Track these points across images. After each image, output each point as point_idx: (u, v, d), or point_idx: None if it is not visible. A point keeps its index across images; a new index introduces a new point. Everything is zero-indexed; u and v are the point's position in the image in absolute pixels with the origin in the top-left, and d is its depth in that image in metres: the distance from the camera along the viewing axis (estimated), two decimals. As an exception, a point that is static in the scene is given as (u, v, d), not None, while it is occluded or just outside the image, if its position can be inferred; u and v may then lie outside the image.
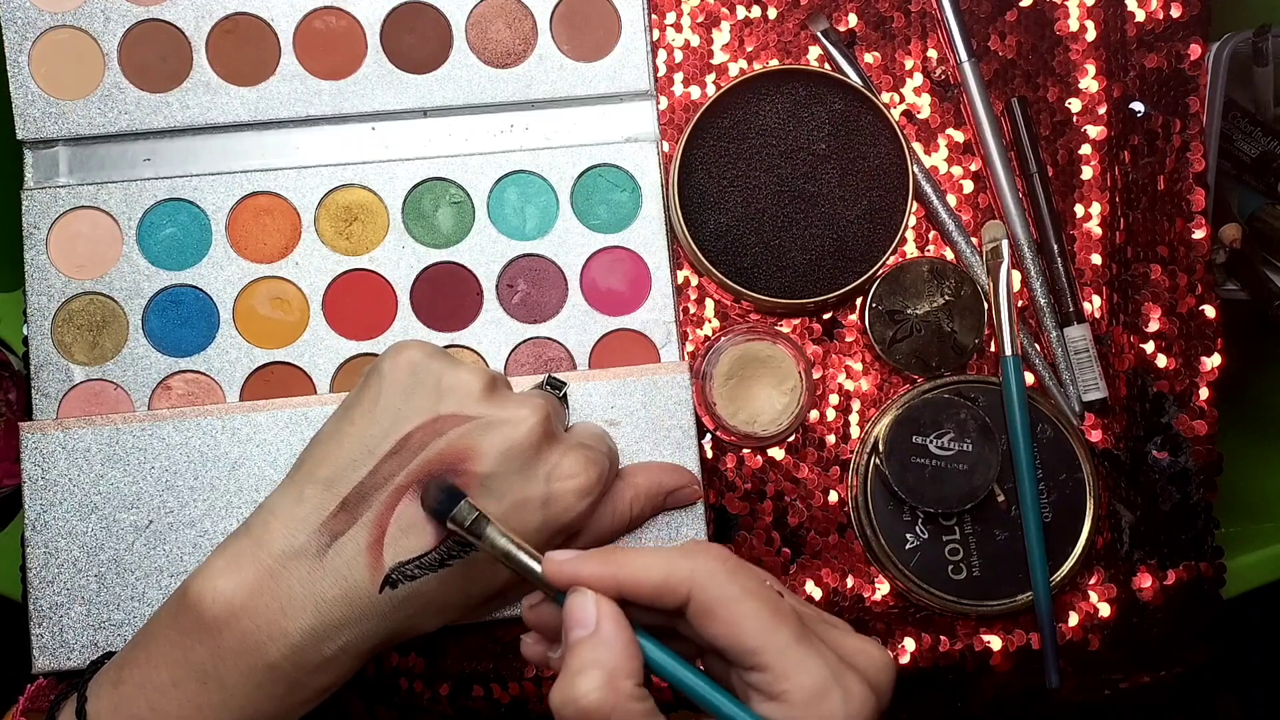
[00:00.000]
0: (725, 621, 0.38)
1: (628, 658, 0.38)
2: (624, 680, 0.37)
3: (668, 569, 0.38)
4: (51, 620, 0.50)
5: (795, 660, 0.37)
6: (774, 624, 0.37)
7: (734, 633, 0.37)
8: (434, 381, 0.44)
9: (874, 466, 0.53)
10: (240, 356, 0.53)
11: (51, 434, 0.51)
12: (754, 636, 0.37)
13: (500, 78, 0.55)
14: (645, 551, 0.39)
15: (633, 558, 0.39)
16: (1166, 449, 0.54)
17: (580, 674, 0.37)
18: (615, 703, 0.36)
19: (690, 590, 0.38)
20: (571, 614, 0.39)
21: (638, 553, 0.39)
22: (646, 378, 0.52)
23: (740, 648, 0.37)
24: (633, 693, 0.37)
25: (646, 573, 0.38)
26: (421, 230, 0.54)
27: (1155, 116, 0.55)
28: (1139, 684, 0.55)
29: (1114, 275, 0.56)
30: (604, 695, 0.36)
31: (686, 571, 0.38)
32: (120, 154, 0.54)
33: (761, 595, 0.38)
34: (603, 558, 0.39)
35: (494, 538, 0.40)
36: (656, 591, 0.38)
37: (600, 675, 0.37)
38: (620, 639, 0.38)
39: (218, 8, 0.54)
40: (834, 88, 0.53)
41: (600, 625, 0.38)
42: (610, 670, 0.37)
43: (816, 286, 0.53)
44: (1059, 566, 0.53)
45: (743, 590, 0.38)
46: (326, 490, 0.43)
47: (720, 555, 0.39)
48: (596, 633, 0.38)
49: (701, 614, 0.38)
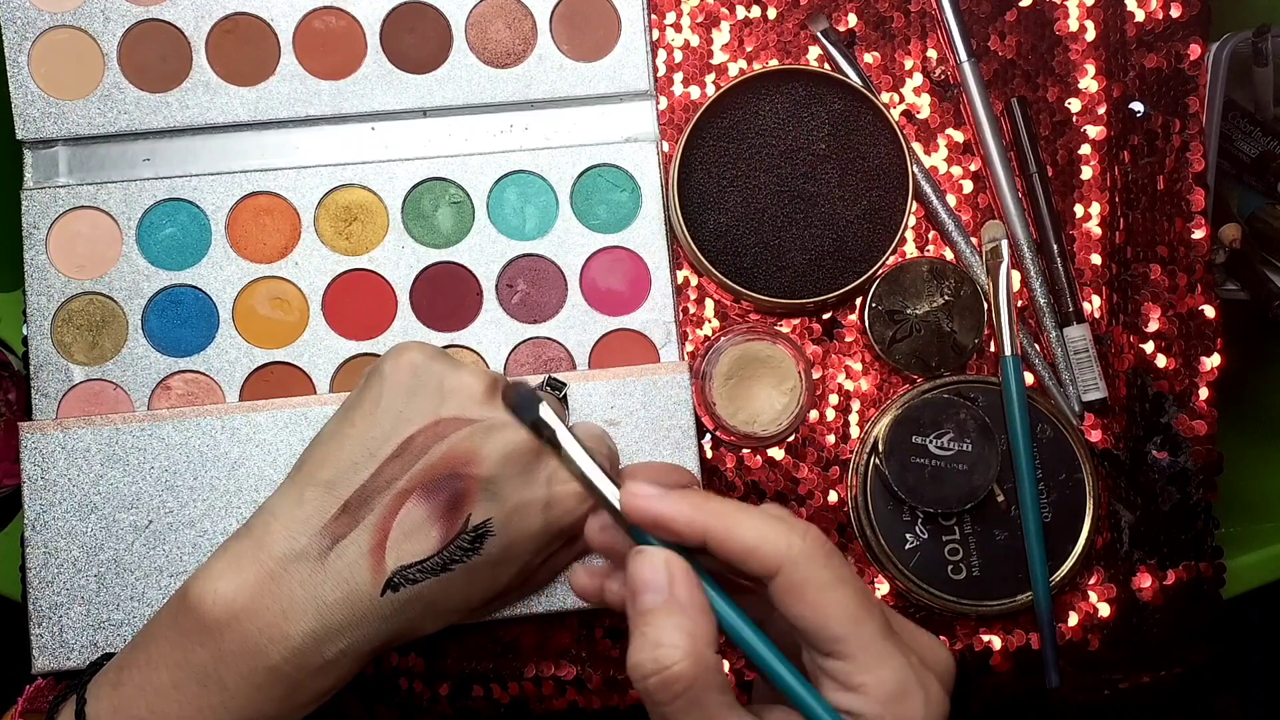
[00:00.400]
0: (814, 605, 0.36)
1: (707, 624, 0.36)
2: (706, 650, 0.36)
3: (764, 535, 0.37)
4: (51, 620, 0.50)
5: (879, 655, 0.36)
6: (862, 614, 0.36)
7: (821, 617, 0.36)
8: (436, 384, 0.44)
9: (874, 466, 0.53)
10: (240, 356, 0.53)
11: (51, 434, 0.51)
12: (840, 624, 0.36)
13: (500, 78, 0.55)
14: (740, 509, 0.38)
15: (727, 512, 0.37)
16: (1166, 449, 0.54)
17: (663, 644, 0.35)
18: (698, 673, 0.35)
19: (781, 565, 0.36)
20: (640, 575, 0.37)
21: (732, 508, 0.37)
22: (646, 378, 0.52)
23: (825, 633, 0.36)
24: (713, 663, 0.36)
25: (740, 533, 0.37)
26: (421, 230, 0.54)
27: (1155, 116, 0.55)
28: (1139, 684, 0.55)
29: (1114, 275, 0.56)
30: (687, 665, 0.35)
31: (783, 545, 0.36)
32: (120, 154, 0.54)
33: (854, 584, 0.37)
34: (694, 503, 0.37)
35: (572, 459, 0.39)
36: (746, 554, 0.37)
37: (685, 643, 0.35)
38: (697, 604, 0.37)
39: (218, 8, 0.54)
40: (834, 88, 0.53)
41: (675, 590, 0.37)
42: (695, 637, 0.36)
43: (816, 286, 0.53)
44: (1059, 566, 0.53)
45: (836, 576, 0.36)
46: (328, 493, 0.43)
47: (819, 535, 0.37)
48: (673, 599, 0.36)
49: (788, 591, 0.36)
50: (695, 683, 0.35)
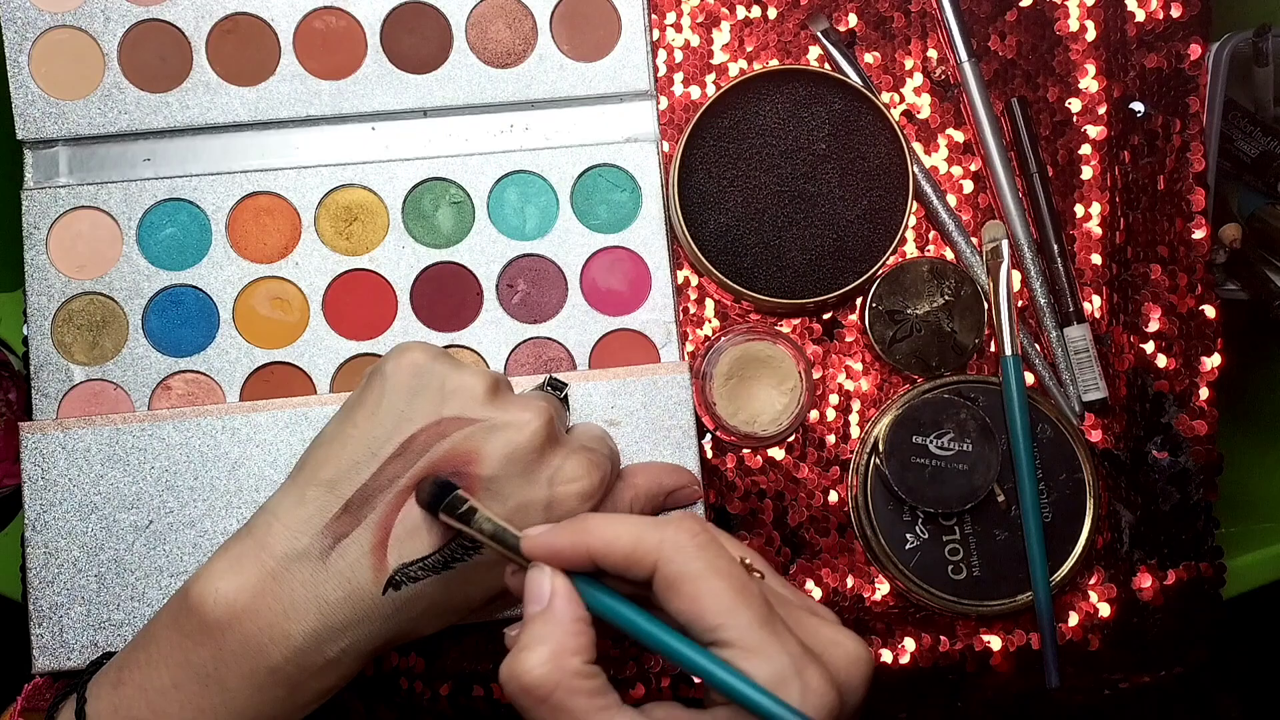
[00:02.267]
0: (687, 596, 0.37)
1: (575, 634, 0.37)
2: (570, 658, 0.36)
3: (636, 539, 0.38)
4: (51, 620, 0.50)
5: (756, 643, 0.36)
6: (737, 604, 0.36)
7: (695, 608, 0.37)
8: (437, 384, 0.44)
9: (874, 466, 0.53)
10: (240, 356, 0.53)
11: (51, 434, 0.51)
12: (715, 614, 0.36)
13: (500, 78, 0.55)
14: (617, 519, 0.39)
15: (603, 526, 0.38)
16: (1166, 449, 0.54)
17: (526, 649, 0.37)
18: (559, 679, 0.36)
19: (656, 562, 0.37)
20: (528, 589, 0.39)
21: (610, 520, 0.39)
22: (646, 378, 0.52)
23: (701, 624, 0.36)
24: (579, 670, 0.36)
25: (616, 541, 0.38)
26: (421, 230, 0.54)
27: (1155, 116, 0.55)
28: (1139, 684, 0.55)
29: (1114, 275, 0.56)
30: (547, 671, 0.36)
31: (654, 542, 0.37)
32: (120, 154, 0.54)
33: (727, 573, 0.37)
34: (573, 527, 0.39)
35: (481, 523, 0.41)
36: (625, 561, 0.38)
37: (545, 651, 0.36)
38: (569, 614, 0.38)
39: (218, 8, 0.54)
40: (834, 88, 0.53)
41: (553, 602, 0.38)
42: (556, 646, 0.37)
43: (816, 286, 0.53)
44: (1059, 566, 0.53)
45: (708, 566, 0.37)
46: (329, 492, 0.43)
47: (691, 529, 0.38)
48: (548, 609, 0.38)
49: (666, 586, 0.37)
50: (556, 689, 0.36)
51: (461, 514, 0.41)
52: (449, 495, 0.41)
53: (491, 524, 0.41)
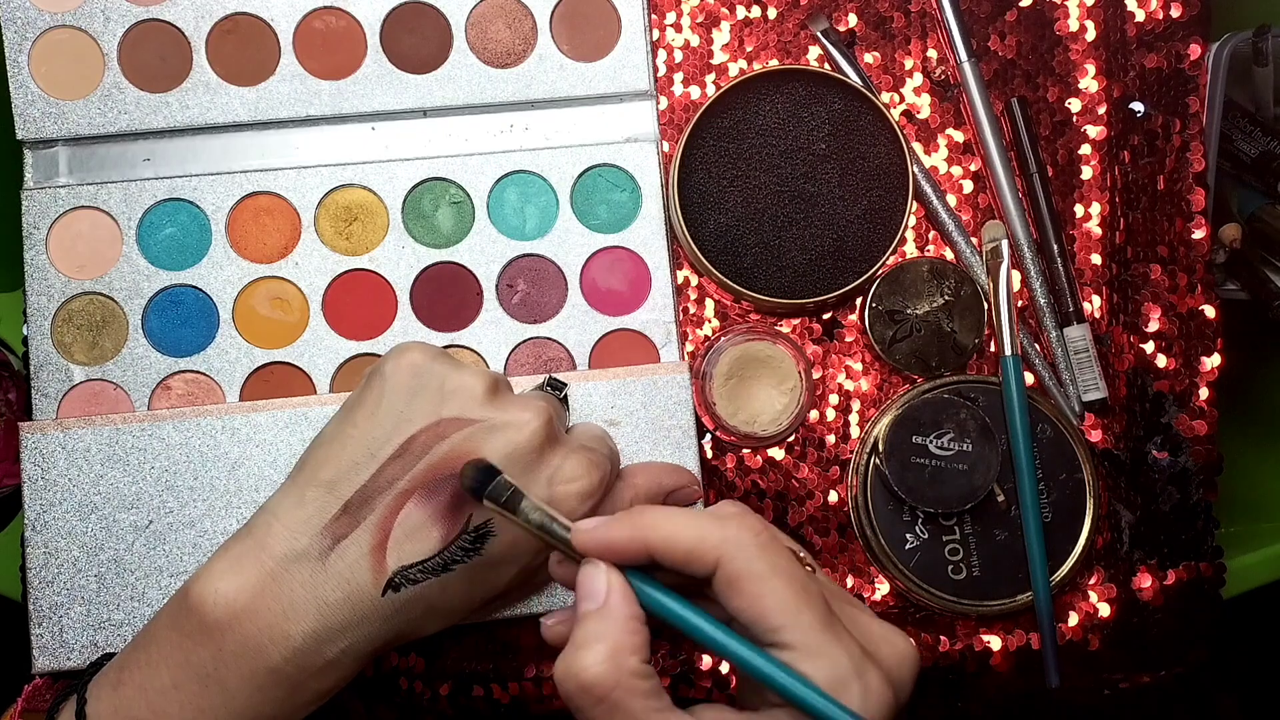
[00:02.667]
0: (750, 596, 0.37)
1: (633, 633, 0.37)
2: (628, 657, 0.36)
3: (698, 536, 0.37)
4: (51, 620, 0.50)
5: (818, 646, 0.36)
6: (800, 604, 0.36)
7: (757, 608, 0.36)
8: (437, 384, 0.44)
9: (874, 466, 0.53)
10: (240, 356, 0.53)
11: (51, 434, 0.51)
12: (777, 615, 0.36)
13: (500, 78, 0.55)
14: (677, 514, 0.38)
15: (662, 520, 0.38)
16: (1166, 449, 0.54)
17: (584, 647, 0.36)
18: (617, 679, 0.36)
19: (719, 560, 0.37)
20: (582, 585, 0.38)
21: (668, 514, 0.38)
22: (646, 378, 0.52)
23: (763, 624, 0.36)
24: (636, 669, 0.36)
25: (675, 538, 0.37)
26: (421, 230, 0.54)
27: (1155, 116, 0.55)
28: (1139, 684, 0.55)
29: (1114, 275, 0.56)
30: (606, 670, 0.36)
31: (716, 540, 0.37)
32: (120, 154, 0.54)
33: (790, 573, 0.37)
34: (631, 521, 0.38)
35: (528, 512, 0.40)
36: (686, 557, 0.37)
37: (604, 650, 0.36)
38: (626, 613, 0.37)
39: (218, 8, 0.54)
40: (834, 88, 0.53)
41: (609, 599, 0.37)
42: (614, 645, 0.36)
43: (816, 286, 0.53)
44: (1059, 566, 0.53)
45: (771, 566, 0.37)
46: (329, 493, 0.43)
47: (753, 526, 0.38)
48: (604, 607, 0.37)
49: (727, 585, 0.37)
50: (615, 688, 0.36)
51: (506, 501, 0.40)
52: (493, 480, 0.40)
53: (539, 513, 0.40)
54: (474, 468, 0.41)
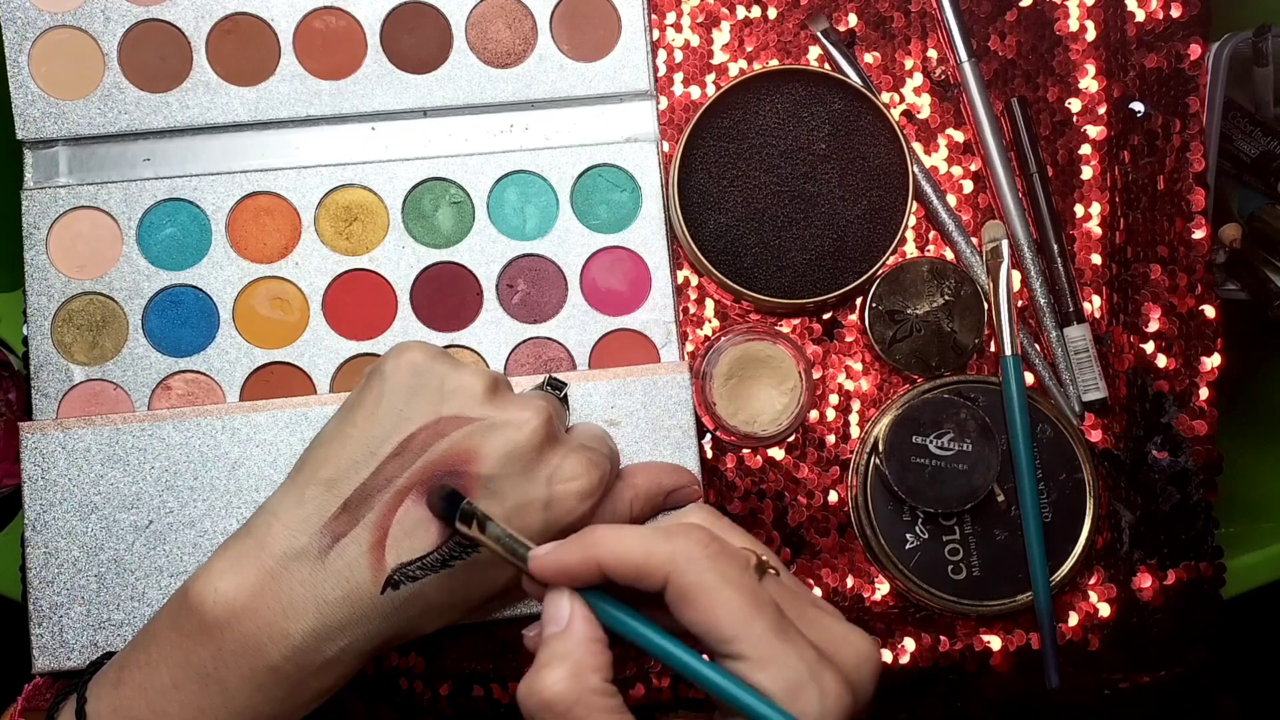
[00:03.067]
0: (701, 609, 0.37)
1: (594, 653, 0.37)
2: (590, 675, 0.37)
3: (645, 552, 0.38)
4: (51, 620, 0.50)
5: (770, 653, 0.36)
6: (751, 614, 0.36)
7: (709, 620, 0.37)
8: (436, 383, 0.44)
9: (874, 466, 0.53)
10: (240, 356, 0.53)
11: (51, 434, 0.51)
12: (729, 626, 0.36)
13: (500, 78, 0.55)
14: (624, 531, 0.39)
15: (610, 539, 0.38)
16: (1166, 449, 0.54)
17: (545, 667, 0.37)
18: (578, 695, 0.36)
19: (668, 575, 0.37)
20: (546, 610, 0.39)
21: (615, 533, 0.39)
22: (646, 378, 0.52)
23: (715, 634, 0.37)
24: (598, 687, 0.37)
25: (624, 556, 0.38)
26: (421, 230, 0.54)
27: (1155, 116, 0.55)
28: (1139, 684, 0.55)
29: (1114, 275, 0.56)
30: (567, 688, 0.36)
31: (665, 555, 0.37)
32: (120, 154, 0.54)
33: (739, 583, 0.37)
34: (581, 542, 0.39)
35: (494, 533, 0.41)
36: (636, 573, 0.38)
37: (565, 668, 0.37)
38: (588, 635, 0.38)
39: (218, 8, 0.54)
40: (834, 88, 0.53)
41: (571, 623, 0.38)
42: (576, 664, 0.37)
43: (816, 286, 0.53)
44: (1059, 566, 0.53)
45: (720, 577, 0.37)
46: (328, 491, 0.43)
47: (701, 540, 0.38)
48: (567, 630, 0.38)
49: (678, 598, 0.37)
50: (575, 705, 0.36)
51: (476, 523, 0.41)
52: (459, 505, 0.41)
53: (504, 536, 0.40)
54: (440, 493, 0.42)
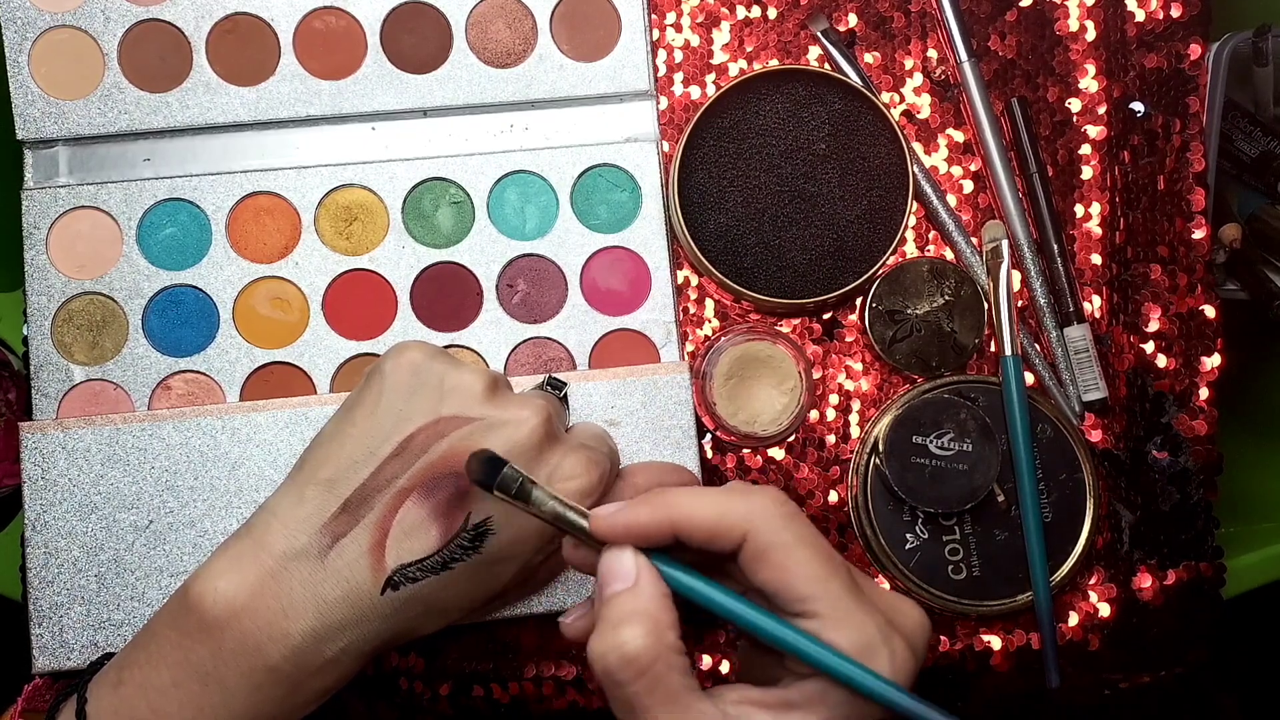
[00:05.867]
0: (779, 567, 0.37)
1: (667, 609, 0.37)
2: (666, 631, 0.36)
3: (722, 510, 0.37)
4: (51, 620, 0.50)
5: (846, 613, 0.36)
6: (827, 573, 0.37)
7: (786, 579, 0.37)
8: (436, 383, 0.44)
9: (874, 466, 0.53)
10: (240, 356, 0.53)
11: (51, 434, 0.51)
12: (806, 584, 0.36)
13: (500, 78, 0.55)
14: (698, 492, 0.39)
15: (685, 498, 0.38)
16: (1166, 449, 0.54)
17: (624, 624, 0.36)
18: (658, 652, 0.36)
19: (746, 533, 0.37)
20: (609, 568, 0.38)
21: (690, 492, 0.38)
22: (646, 378, 0.52)
23: (792, 594, 0.37)
24: (674, 645, 0.36)
25: (701, 513, 0.38)
26: (421, 230, 0.54)
27: (1155, 116, 0.55)
28: (1139, 684, 0.55)
29: (1114, 275, 0.56)
30: (649, 644, 0.36)
31: (742, 513, 0.37)
32: (120, 154, 0.54)
33: (815, 543, 0.37)
34: (654, 502, 0.38)
35: (542, 501, 0.39)
36: (711, 533, 0.37)
37: (645, 624, 0.36)
38: (659, 591, 0.37)
39: (218, 8, 0.54)
40: (834, 88, 0.53)
41: (640, 579, 0.37)
42: (654, 619, 0.36)
43: (816, 286, 0.53)
44: (1059, 566, 0.53)
45: (797, 537, 0.37)
46: (328, 491, 0.43)
47: (777, 498, 0.38)
48: (636, 586, 0.37)
49: (754, 558, 0.37)
50: (657, 661, 0.36)
51: (517, 492, 0.39)
52: (499, 470, 0.40)
53: (554, 503, 0.39)
54: (479, 460, 0.40)
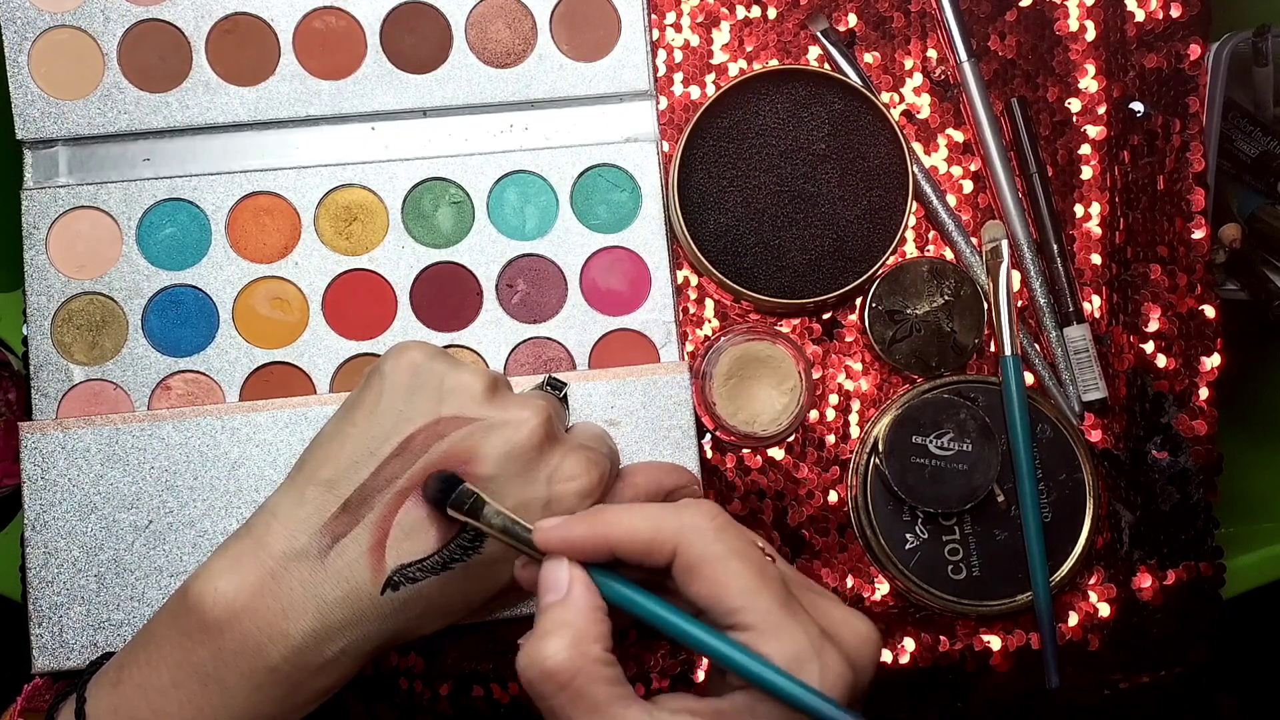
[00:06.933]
0: (708, 580, 0.37)
1: (595, 622, 0.38)
2: (591, 644, 0.37)
3: (655, 525, 0.38)
4: (51, 620, 0.50)
5: (776, 625, 0.36)
6: (757, 586, 0.37)
7: (717, 591, 0.37)
8: (436, 383, 0.44)
9: (874, 466, 0.53)
10: (240, 356, 0.53)
11: (51, 434, 0.51)
12: (736, 596, 0.37)
13: (500, 78, 0.55)
14: (634, 508, 0.39)
15: (620, 515, 0.39)
16: (1166, 449, 0.54)
17: (546, 636, 0.37)
18: (580, 665, 0.36)
19: (676, 546, 0.38)
20: (544, 579, 0.39)
21: (626, 509, 0.39)
22: (646, 378, 0.52)
23: (722, 606, 0.37)
24: (599, 657, 0.37)
25: (634, 529, 0.38)
26: (421, 230, 0.54)
27: (1155, 116, 0.55)
28: (1139, 684, 0.55)
29: (1114, 275, 0.56)
30: (568, 657, 0.36)
31: (673, 527, 0.38)
32: (120, 154, 0.54)
33: (747, 555, 0.38)
34: (590, 518, 0.39)
35: (490, 517, 0.41)
36: (645, 548, 0.38)
37: (567, 637, 0.37)
38: (589, 603, 0.38)
39: (218, 8, 0.54)
40: (834, 88, 0.53)
41: (571, 590, 0.38)
42: (577, 632, 0.37)
43: (816, 286, 0.53)
44: (1059, 566, 0.53)
45: (728, 549, 0.37)
46: (328, 491, 0.43)
47: (708, 512, 0.39)
48: (567, 597, 0.38)
49: (685, 571, 0.38)
50: (577, 675, 0.36)
51: (469, 508, 0.41)
52: (455, 489, 0.41)
53: (501, 517, 0.41)
54: (436, 479, 0.42)
